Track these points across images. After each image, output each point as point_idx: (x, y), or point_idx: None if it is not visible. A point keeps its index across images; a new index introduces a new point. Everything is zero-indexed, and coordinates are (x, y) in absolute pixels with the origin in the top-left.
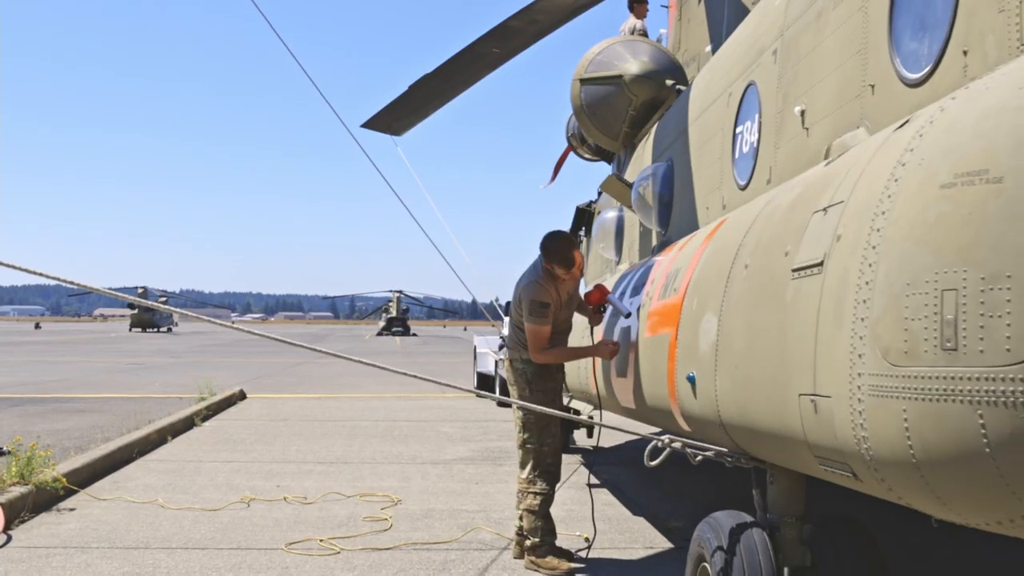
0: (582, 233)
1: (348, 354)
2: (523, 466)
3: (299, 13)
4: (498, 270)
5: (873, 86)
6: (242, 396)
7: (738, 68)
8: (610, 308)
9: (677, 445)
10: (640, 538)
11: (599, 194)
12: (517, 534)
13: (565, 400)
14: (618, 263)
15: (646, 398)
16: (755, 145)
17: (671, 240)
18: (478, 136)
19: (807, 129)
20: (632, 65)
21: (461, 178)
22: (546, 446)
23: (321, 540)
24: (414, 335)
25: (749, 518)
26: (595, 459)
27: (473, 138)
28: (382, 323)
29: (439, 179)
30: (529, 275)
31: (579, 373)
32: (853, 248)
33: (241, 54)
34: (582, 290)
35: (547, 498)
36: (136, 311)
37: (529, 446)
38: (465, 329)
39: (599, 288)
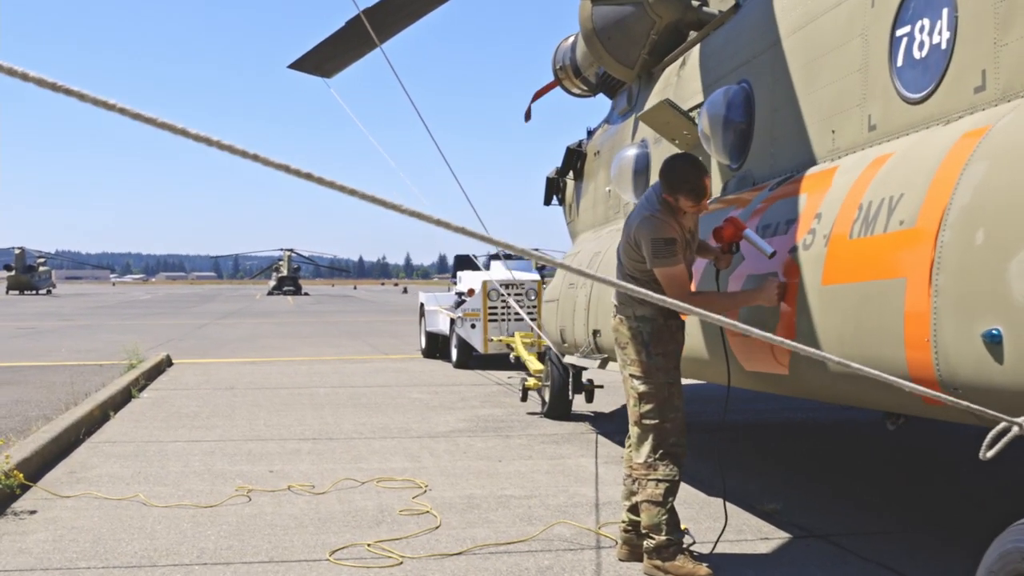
0: (571, 176)
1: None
2: (639, 446)
3: None
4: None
5: None
6: (169, 362)
7: None
8: (742, 248)
9: None
10: (744, 527)
11: (589, 134)
12: (624, 531)
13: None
14: None
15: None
16: (945, 45)
17: (752, 174)
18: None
19: None
20: None
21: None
22: (669, 421)
23: (369, 545)
24: (306, 294)
25: None
26: (610, 428)
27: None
28: (272, 283)
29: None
30: (642, 210)
31: None
32: None
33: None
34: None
35: (672, 485)
36: (13, 273)
37: (648, 421)
38: (355, 288)
39: (732, 222)
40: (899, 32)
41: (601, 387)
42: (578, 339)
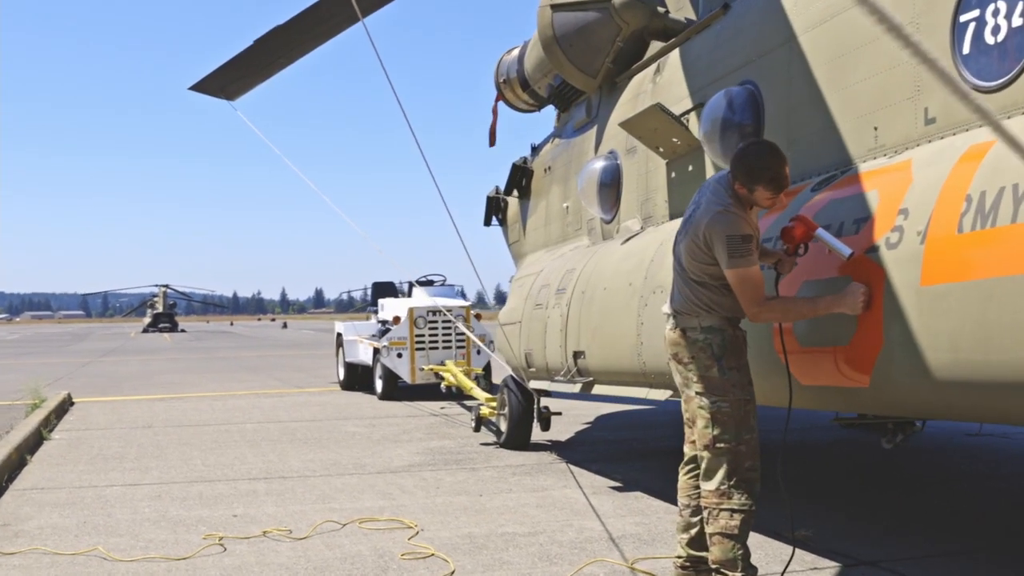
0: (516, 194)
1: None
2: (710, 475)
3: None
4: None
5: None
6: (70, 401)
7: None
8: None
9: None
10: (784, 556)
11: (534, 150)
12: (681, 567)
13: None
14: (610, 221)
15: (958, 374)
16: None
17: None
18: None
19: None
20: None
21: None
22: (744, 443)
23: None
24: (183, 331)
25: None
26: (577, 456)
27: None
28: (147, 319)
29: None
30: (711, 205)
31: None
32: None
33: None
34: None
35: (748, 516)
36: None
37: (722, 445)
38: (232, 324)
39: (802, 220)
40: (964, 17)
41: (559, 414)
42: (552, 363)
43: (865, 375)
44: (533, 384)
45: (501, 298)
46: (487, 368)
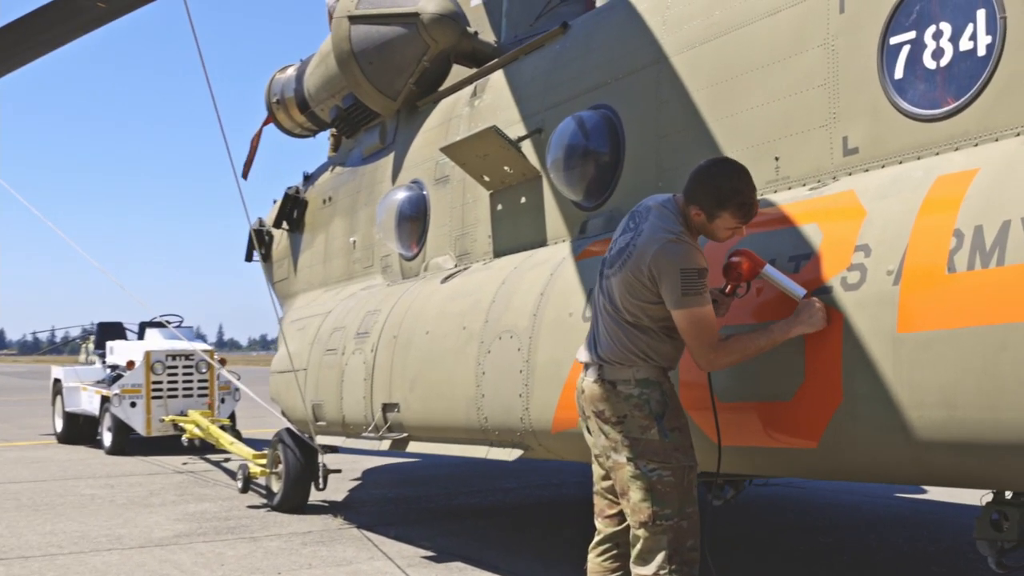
0: (285, 226)
1: None
2: (647, 557)
3: None
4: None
5: None
6: None
7: None
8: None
9: None
10: None
11: (307, 178)
12: None
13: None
14: (412, 257)
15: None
16: (984, 53)
17: (623, 212)
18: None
19: None
20: (429, 2)
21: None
22: (687, 519)
23: None
24: None
25: None
26: (364, 520)
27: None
28: None
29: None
30: (657, 229)
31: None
32: None
33: None
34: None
35: None
36: None
37: (662, 522)
38: None
39: (747, 255)
40: (897, 39)
41: (338, 471)
42: (351, 416)
43: (813, 435)
44: (323, 440)
45: (223, 340)
46: (232, 418)
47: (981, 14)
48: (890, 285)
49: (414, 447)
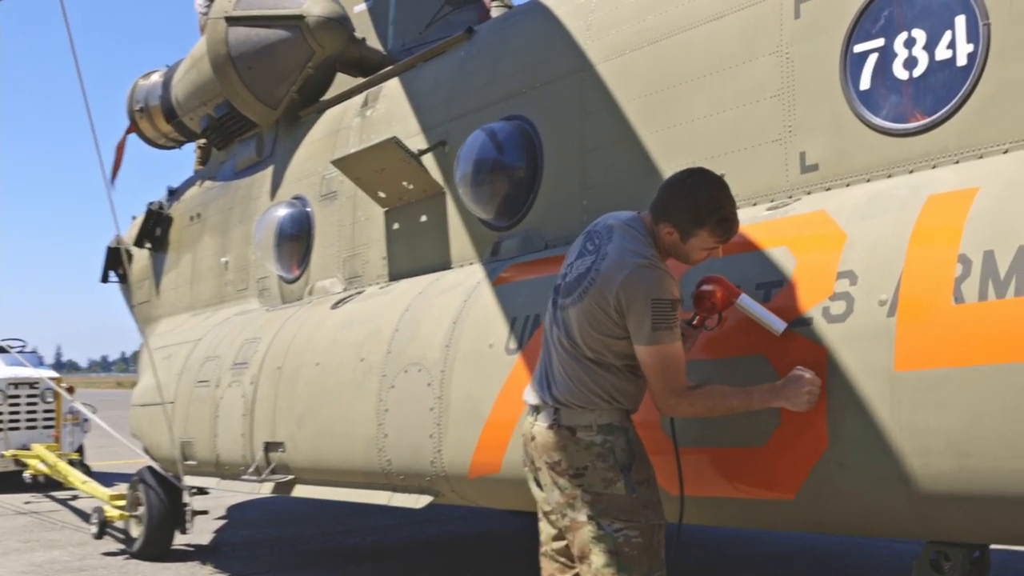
0: (147, 244)
1: None
2: None
3: None
4: None
5: None
6: None
7: None
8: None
9: None
10: None
11: (171, 193)
12: None
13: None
14: (293, 280)
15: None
16: (965, 62)
17: (539, 233)
18: None
19: None
20: (314, 4)
21: None
22: None
23: None
24: None
25: None
26: (238, 568)
27: None
28: None
29: None
30: (624, 252)
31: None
32: None
33: None
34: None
35: None
36: None
37: None
38: None
39: (721, 284)
40: (862, 47)
41: (205, 513)
42: (227, 456)
43: (790, 485)
44: (193, 481)
45: (61, 362)
46: (81, 451)
47: (960, 20)
48: (884, 317)
49: (301, 491)
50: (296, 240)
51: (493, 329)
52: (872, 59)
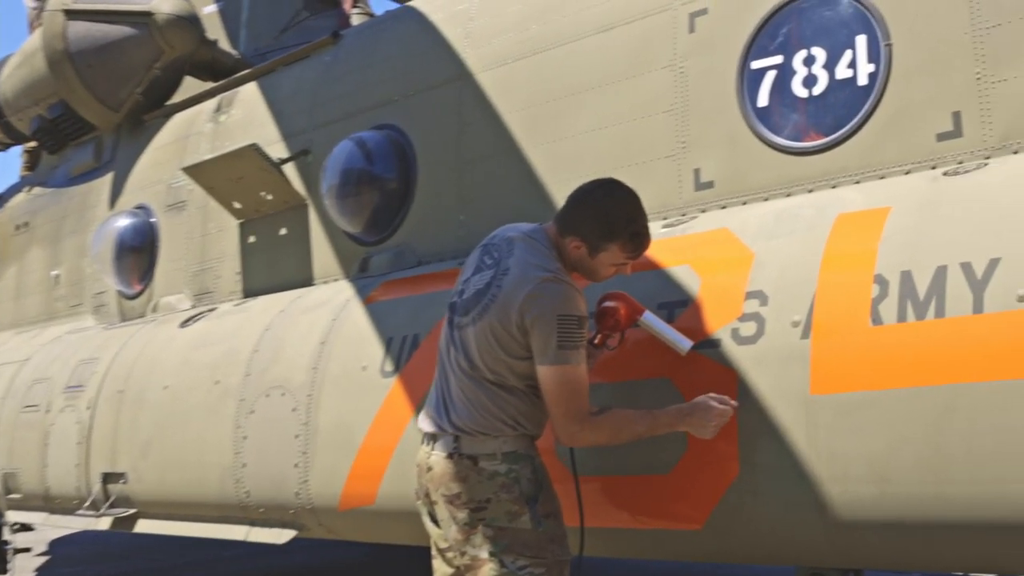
0: None
1: None
2: None
3: None
4: None
5: None
6: None
7: None
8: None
9: None
10: None
11: None
12: None
13: None
14: (134, 296)
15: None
16: (866, 82)
17: (413, 248)
18: None
19: None
20: (164, 1)
21: None
22: None
23: None
24: None
25: None
26: None
27: None
28: None
29: None
30: (528, 266)
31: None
32: None
33: None
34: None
35: None
36: None
37: None
38: None
39: (624, 300)
40: (760, 64)
41: (28, 550)
42: (59, 488)
43: (697, 515)
44: (17, 516)
45: None
46: None
47: (861, 40)
48: (797, 339)
49: (145, 526)
50: (138, 253)
51: (366, 350)
52: (770, 76)
